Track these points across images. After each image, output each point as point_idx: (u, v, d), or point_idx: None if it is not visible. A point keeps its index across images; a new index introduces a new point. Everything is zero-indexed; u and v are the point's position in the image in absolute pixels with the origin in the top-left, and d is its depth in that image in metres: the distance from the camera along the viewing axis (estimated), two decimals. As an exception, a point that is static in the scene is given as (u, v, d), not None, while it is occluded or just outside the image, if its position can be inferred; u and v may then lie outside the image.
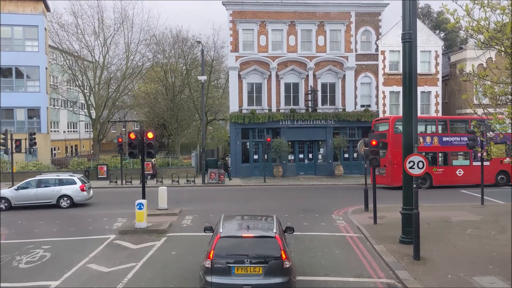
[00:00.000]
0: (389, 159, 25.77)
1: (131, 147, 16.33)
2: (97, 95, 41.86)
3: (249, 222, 9.81)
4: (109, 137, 66.54)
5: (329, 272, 11.17)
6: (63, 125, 51.82)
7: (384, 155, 24.98)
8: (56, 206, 21.38)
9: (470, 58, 34.45)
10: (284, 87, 34.81)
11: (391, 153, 25.47)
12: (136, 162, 32.64)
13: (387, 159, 25.71)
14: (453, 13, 9.64)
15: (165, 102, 45.36)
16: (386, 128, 26.71)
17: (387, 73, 35.32)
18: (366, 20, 35.27)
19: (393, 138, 25.19)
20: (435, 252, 12.48)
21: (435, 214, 18.04)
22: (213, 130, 52.90)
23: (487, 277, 10.36)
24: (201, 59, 33.80)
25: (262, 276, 8.42)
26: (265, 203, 21.99)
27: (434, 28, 54.01)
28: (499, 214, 18.03)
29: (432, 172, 26.69)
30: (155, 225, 16.39)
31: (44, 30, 37.76)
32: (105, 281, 10.71)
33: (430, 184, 26.83)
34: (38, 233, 16.02)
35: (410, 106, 13.39)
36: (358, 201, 20.73)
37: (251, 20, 34.33)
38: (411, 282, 10.12)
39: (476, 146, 18.13)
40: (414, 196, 12.03)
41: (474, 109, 13.83)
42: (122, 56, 43.64)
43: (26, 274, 11.30)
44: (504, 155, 11.85)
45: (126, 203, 21.10)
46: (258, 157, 34.70)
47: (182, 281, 10.60)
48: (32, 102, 37.25)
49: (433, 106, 35.71)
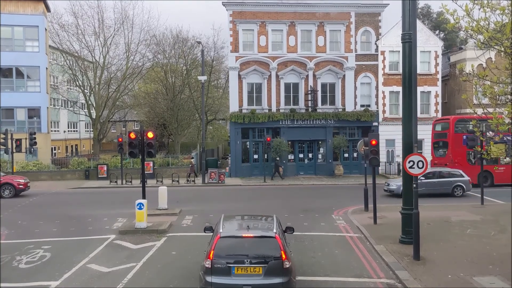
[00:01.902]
0: (449, 158, 27.05)
1: (131, 147, 16.34)
2: (97, 95, 41.89)
3: (249, 222, 9.82)
4: (109, 136, 66.59)
5: (329, 272, 11.17)
6: (64, 125, 51.83)
7: (444, 154, 26.73)
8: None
9: (469, 58, 34.48)
10: (284, 87, 34.82)
11: (452, 152, 26.88)
12: (136, 161, 32.67)
13: (448, 158, 27.07)
14: (453, 13, 9.65)
15: (165, 102, 45.40)
16: (447, 127, 27.98)
17: (387, 73, 35.33)
18: (366, 20, 35.27)
19: (453, 138, 26.72)
20: (435, 252, 12.49)
21: (435, 214, 18.05)
22: (213, 130, 52.93)
23: (487, 277, 10.37)
24: (201, 59, 33.79)
25: (262, 276, 8.43)
26: (265, 203, 22.00)
27: (434, 29, 54.03)
28: (499, 214, 18.05)
29: (494, 171, 27.02)
30: (155, 225, 16.39)
31: (44, 30, 37.78)
32: (105, 281, 10.72)
33: (492, 182, 27.24)
34: (38, 233, 16.02)
35: (410, 106, 13.40)
36: (358, 201, 20.74)
37: (251, 21, 34.34)
38: (411, 282, 10.13)
39: (476, 145, 18.15)
40: (414, 196, 12.04)
41: (474, 109, 13.83)
42: (122, 56, 43.76)
43: (26, 274, 11.31)
44: (504, 155, 11.85)
45: (126, 203, 21.11)
46: (258, 157, 34.71)
47: (182, 281, 10.60)
48: (32, 102, 37.28)
49: (432, 106, 35.73)
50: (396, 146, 34.23)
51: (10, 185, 24.61)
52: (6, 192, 24.49)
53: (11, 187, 24.63)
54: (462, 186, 23.80)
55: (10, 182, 24.73)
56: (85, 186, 30.03)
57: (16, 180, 25.01)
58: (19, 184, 24.83)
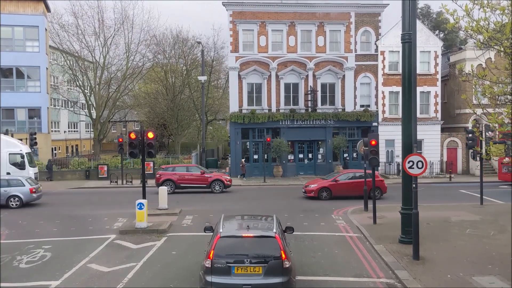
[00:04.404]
0: None
1: (131, 147, 16.36)
2: (98, 95, 41.91)
3: (249, 222, 9.83)
4: (109, 137, 66.60)
5: (329, 272, 11.19)
6: (64, 125, 51.85)
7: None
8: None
9: (469, 58, 34.48)
10: (284, 87, 34.84)
11: None
12: (137, 162, 32.69)
13: None
14: (453, 13, 9.67)
15: (165, 102, 45.42)
16: None
17: (387, 74, 35.34)
18: (365, 20, 35.29)
19: None
20: (435, 252, 12.51)
21: (434, 214, 18.07)
22: (213, 130, 52.94)
23: (487, 277, 10.38)
24: (201, 59, 33.86)
25: (262, 276, 8.44)
26: (265, 203, 22.02)
27: (433, 29, 54.04)
28: (498, 214, 18.07)
29: None
30: (155, 225, 16.41)
31: (44, 30, 37.79)
32: (105, 281, 10.74)
33: None
34: (39, 233, 16.04)
35: (410, 106, 13.42)
36: (358, 201, 20.76)
37: (251, 21, 34.36)
38: (410, 282, 10.15)
39: (475, 145, 18.18)
40: (414, 196, 12.06)
41: (473, 109, 13.86)
42: (122, 57, 43.77)
43: (26, 274, 11.32)
44: (503, 154, 11.90)
45: (126, 203, 21.15)
46: (258, 157, 34.74)
47: (182, 281, 10.62)
48: (32, 102, 37.29)
49: (432, 106, 35.73)
50: (396, 146, 34.24)
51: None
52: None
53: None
54: None
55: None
56: (85, 186, 30.06)
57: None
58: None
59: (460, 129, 36.52)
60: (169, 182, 26.12)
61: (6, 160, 26.06)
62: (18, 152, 26.67)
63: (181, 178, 26.50)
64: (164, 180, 26.11)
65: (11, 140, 27.39)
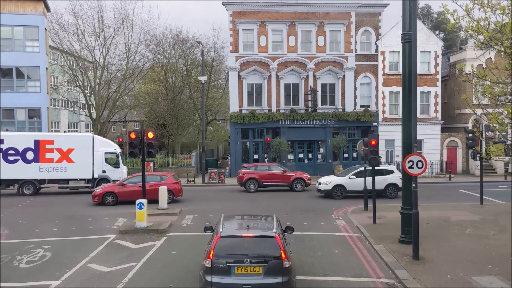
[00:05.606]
0: None
1: (131, 147, 16.36)
2: (98, 95, 41.90)
3: (249, 222, 9.83)
4: (109, 137, 66.38)
5: (329, 271, 11.19)
6: (64, 125, 51.78)
7: None
8: None
9: (469, 58, 34.49)
10: (284, 87, 34.86)
11: None
12: (137, 161, 32.67)
13: None
14: (453, 13, 9.67)
15: (165, 102, 45.43)
16: None
17: (387, 74, 35.36)
18: (366, 20, 35.30)
19: None
20: (435, 251, 12.51)
21: (434, 213, 18.07)
22: (213, 130, 52.96)
23: (487, 277, 10.38)
24: (201, 59, 33.85)
25: (262, 275, 8.43)
26: (265, 203, 22.02)
27: (434, 29, 54.04)
28: (498, 213, 18.08)
29: None
30: (155, 224, 16.42)
31: (44, 30, 37.77)
32: (105, 280, 10.73)
33: None
34: (39, 232, 16.03)
35: (410, 106, 13.42)
36: (358, 200, 20.76)
37: (251, 21, 34.37)
38: (410, 282, 10.14)
39: (475, 145, 18.18)
40: (413, 196, 12.06)
41: (473, 109, 13.86)
42: (122, 57, 43.73)
43: (26, 274, 11.32)
44: (503, 154, 11.90)
45: (126, 203, 21.13)
46: (258, 157, 34.73)
47: (182, 281, 10.62)
48: (32, 102, 37.25)
49: (432, 106, 35.75)
50: (396, 146, 34.26)
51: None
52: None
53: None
54: None
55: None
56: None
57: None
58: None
59: (460, 129, 36.53)
60: (253, 181, 26.30)
61: (102, 159, 27.04)
62: (113, 151, 27.71)
63: (264, 176, 26.62)
64: (248, 179, 26.31)
65: (105, 140, 28.77)
